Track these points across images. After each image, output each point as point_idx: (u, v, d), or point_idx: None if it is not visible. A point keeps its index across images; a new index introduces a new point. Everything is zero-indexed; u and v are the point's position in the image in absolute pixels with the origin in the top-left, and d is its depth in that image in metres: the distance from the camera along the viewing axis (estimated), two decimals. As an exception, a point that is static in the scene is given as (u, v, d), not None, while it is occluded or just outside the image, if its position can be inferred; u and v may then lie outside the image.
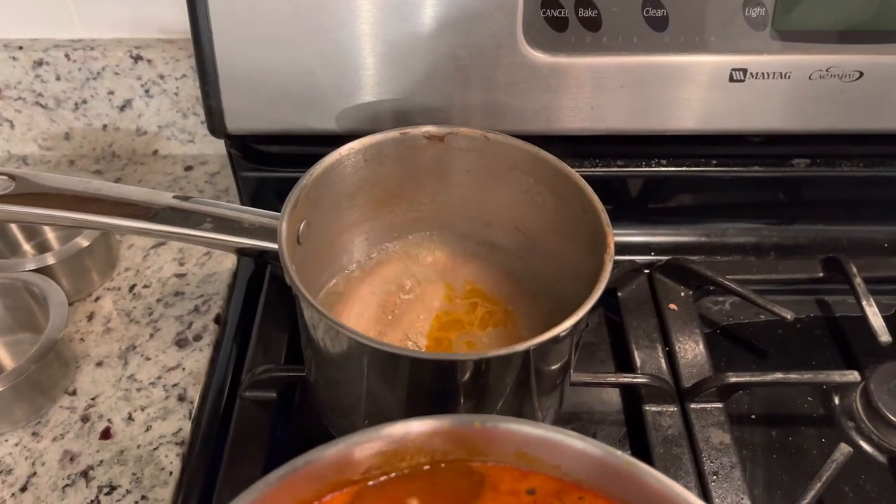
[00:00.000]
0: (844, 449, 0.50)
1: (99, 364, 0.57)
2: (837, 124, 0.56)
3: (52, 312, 0.53)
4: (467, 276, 0.55)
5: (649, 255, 0.66)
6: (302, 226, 0.46)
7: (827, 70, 0.53)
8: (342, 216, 0.51)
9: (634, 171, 0.62)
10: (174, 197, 0.44)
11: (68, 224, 0.42)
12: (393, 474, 0.31)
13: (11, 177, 0.41)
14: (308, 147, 0.52)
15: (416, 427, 0.29)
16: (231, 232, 0.43)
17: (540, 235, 0.52)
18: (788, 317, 0.58)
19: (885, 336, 0.56)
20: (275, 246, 0.42)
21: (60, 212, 0.41)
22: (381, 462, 0.30)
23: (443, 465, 0.31)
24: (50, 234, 0.65)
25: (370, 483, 0.31)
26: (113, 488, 0.50)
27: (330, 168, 0.47)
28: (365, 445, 0.29)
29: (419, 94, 0.54)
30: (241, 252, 0.45)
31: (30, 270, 0.56)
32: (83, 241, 0.58)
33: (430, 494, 0.31)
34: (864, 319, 0.59)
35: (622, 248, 0.65)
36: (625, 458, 0.29)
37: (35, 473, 0.50)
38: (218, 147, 0.75)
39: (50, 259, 0.57)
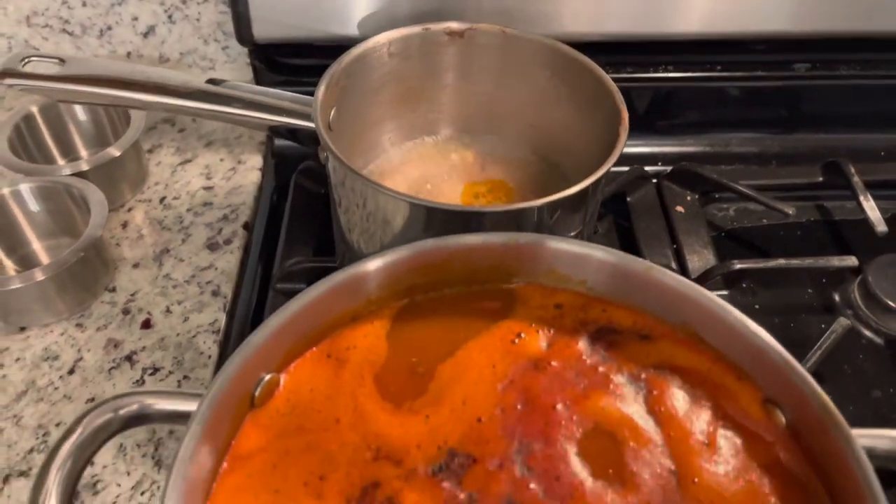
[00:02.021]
0: (843, 322, 0.53)
1: (135, 266, 0.60)
2: (836, 26, 0.59)
3: (93, 210, 0.55)
4: (487, 174, 0.58)
5: (657, 165, 0.69)
6: (332, 112, 0.48)
7: (827, -30, 0.56)
8: (368, 112, 0.54)
9: (642, 77, 0.64)
10: (207, 81, 0.46)
11: (111, 102, 0.45)
12: (433, 294, 0.34)
13: (61, 60, 0.44)
14: (330, 59, 0.55)
15: (454, 243, 0.32)
16: (264, 110, 0.46)
17: (557, 131, 0.55)
18: (790, 212, 0.61)
19: (881, 226, 0.59)
20: (307, 124, 0.45)
21: (105, 90, 0.43)
22: (423, 281, 0.33)
23: (477, 287, 0.34)
24: (83, 152, 0.67)
25: (414, 299, 0.34)
26: (156, 370, 0.53)
27: (358, 59, 0.49)
28: (409, 259, 0.32)
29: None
30: (273, 131, 0.47)
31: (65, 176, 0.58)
32: (114, 151, 0.61)
33: (468, 309, 0.34)
34: (862, 222, 0.62)
35: (631, 159, 0.67)
36: (646, 262, 0.32)
37: (81, 359, 0.53)
38: (238, 74, 0.77)
39: (84, 165, 0.60)
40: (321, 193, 0.63)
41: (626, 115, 0.45)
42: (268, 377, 0.30)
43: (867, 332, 0.58)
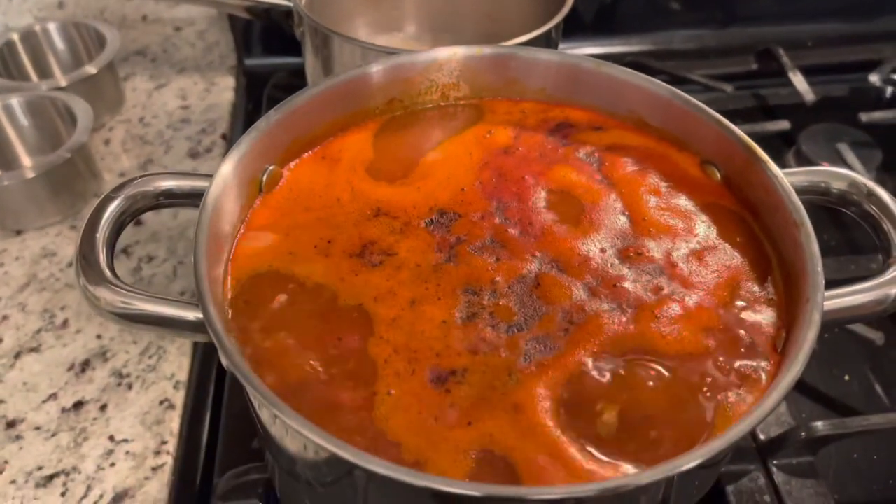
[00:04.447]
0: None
1: (122, 174, 0.63)
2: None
3: (79, 117, 0.58)
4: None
5: (606, 64, 0.74)
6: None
7: None
8: (339, 4, 0.57)
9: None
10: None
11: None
12: (411, 110, 0.38)
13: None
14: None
15: (425, 56, 0.37)
16: (239, -10, 0.50)
17: (513, 18, 0.60)
18: (728, 89, 0.66)
19: (809, 96, 0.66)
20: (284, 2, 0.48)
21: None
22: (401, 93, 0.37)
23: (450, 103, 0.39)
24: (59, 75, 0.70)
25: (395, 114, 0.38)
26: (151, 258, 0.56)
27: (323, -52, 0.53)
28: (392, 69, 0.36)
29: None
30: (250, 11, 0.50)
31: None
32: (91, 69, 0.64)
33: (442, 118, 0.38)
34: (795, 106, 0.68)
35: (581, 60, 0.73)
36: (594, 59, 0.37)
37: (79, 254, 0.56)
38: (204, 10, 0.81)
39: (62, 82, 0.62)
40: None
41: (572, -19, 0.50)
42: (272, 167, 0.34)
43: (803, 193, 0.64)
